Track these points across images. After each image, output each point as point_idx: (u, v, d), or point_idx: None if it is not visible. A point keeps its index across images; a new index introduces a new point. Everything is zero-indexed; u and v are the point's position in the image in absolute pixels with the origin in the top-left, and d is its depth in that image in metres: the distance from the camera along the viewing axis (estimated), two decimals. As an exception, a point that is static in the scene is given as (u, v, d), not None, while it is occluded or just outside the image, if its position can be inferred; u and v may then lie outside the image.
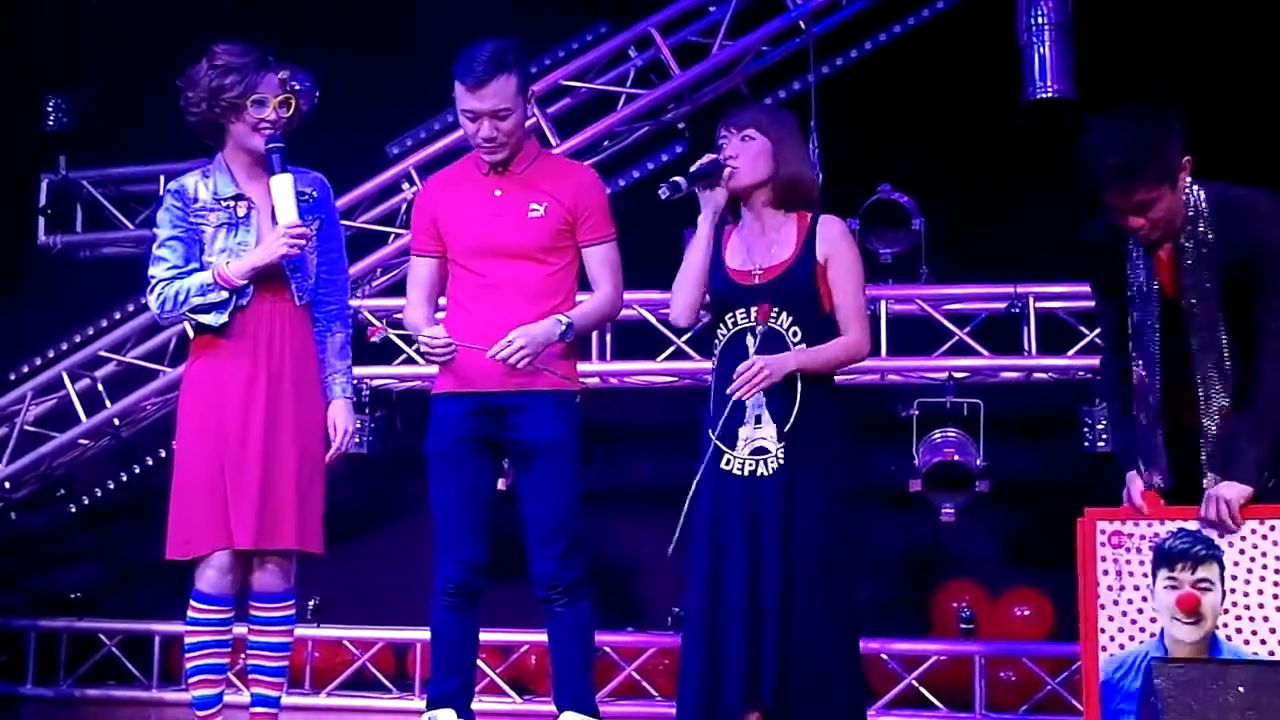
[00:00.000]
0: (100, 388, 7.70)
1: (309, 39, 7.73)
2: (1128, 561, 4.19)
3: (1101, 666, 4.18)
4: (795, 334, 4.49)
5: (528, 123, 4.95)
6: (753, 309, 4.51)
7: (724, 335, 4.56)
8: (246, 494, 4.56)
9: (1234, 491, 4.06)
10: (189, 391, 4.74)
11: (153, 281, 4.68)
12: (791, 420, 4.42)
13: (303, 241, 4.62)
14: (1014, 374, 7.05)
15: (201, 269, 4.65)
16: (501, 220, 4.70)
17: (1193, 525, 4.15)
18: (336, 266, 4.90)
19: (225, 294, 4.61)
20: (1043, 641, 6.82)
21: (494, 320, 4.60)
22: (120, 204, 8.19)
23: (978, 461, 6.79)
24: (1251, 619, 4.07)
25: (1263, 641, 4.05)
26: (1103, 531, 4.22)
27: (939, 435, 6.92)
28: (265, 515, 4.57)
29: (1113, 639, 4.18)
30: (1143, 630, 4.16)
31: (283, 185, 4.62)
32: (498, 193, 4.74)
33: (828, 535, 4.43)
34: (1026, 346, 6.95)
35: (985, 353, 6.99)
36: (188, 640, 4.68)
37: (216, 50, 4.66)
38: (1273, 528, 4.08)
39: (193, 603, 4.65)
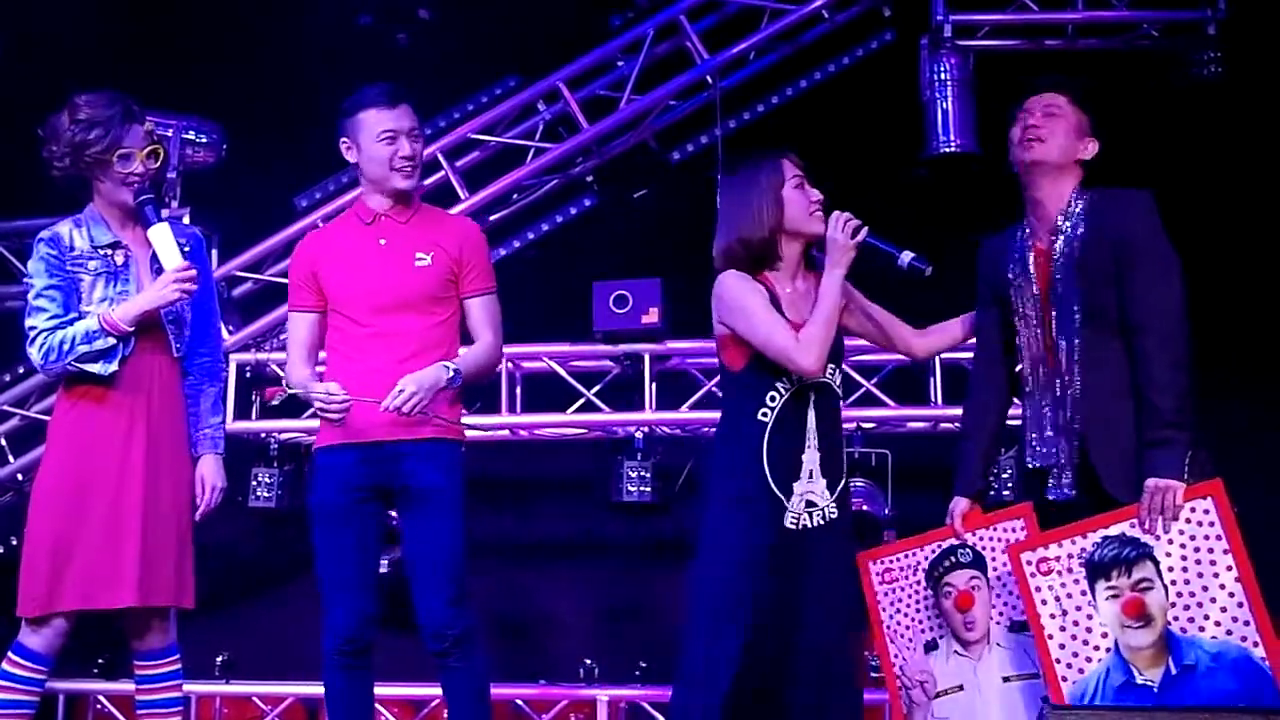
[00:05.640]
0: (3, 442, 7.61)
1: (217, 91, 7.73)
2: (1062, 585, 4.17)
3: (1068, 696, 4.12)
4: (841, 389, 4.49)
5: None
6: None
7: (785, 389, 4.35)
8: (127, 550, 4.43)
9: (1170, 483, 4.12)
10: (60, 442, 4.57)
11: (33, 332, 4.51)
12: (845, 476, 4.43)
13: (192, 284, 4.50)
14: (921, 424, 7.13)
15: (81, 318, 4.50)
16: (387, 270, 4.69)
17: (1114, 531, 4.16)
18: (209, 321, 4.80)
19: (113, 340, 4.46)
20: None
21: (381, 372, 4.57)
22: (23, 257, 8.09)
23: (886, 511, 6.84)
24: (1200, 604, 4.06)
25: (1217, 623, 4.04)
26: (1029, 563, 4.21)
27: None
28: (144, 571, 4.43)
29: (1070, 665, 4.14)
30: (1096, 649, 4.13)
31: (162, 233, 4.51)
32: (382, 242, 4.73)
33: (857, 586, 4.54)
34: (933, 397, 7.04)
35: (892, 403, 7.07)
36: (3, 697, 4.47)
37: (78, 103, 4.53)
38: (1193, 509, 4.11)
39: (15, 657, 4.47)
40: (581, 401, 7.25)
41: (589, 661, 6.87)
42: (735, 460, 4.38)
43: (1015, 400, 4.63)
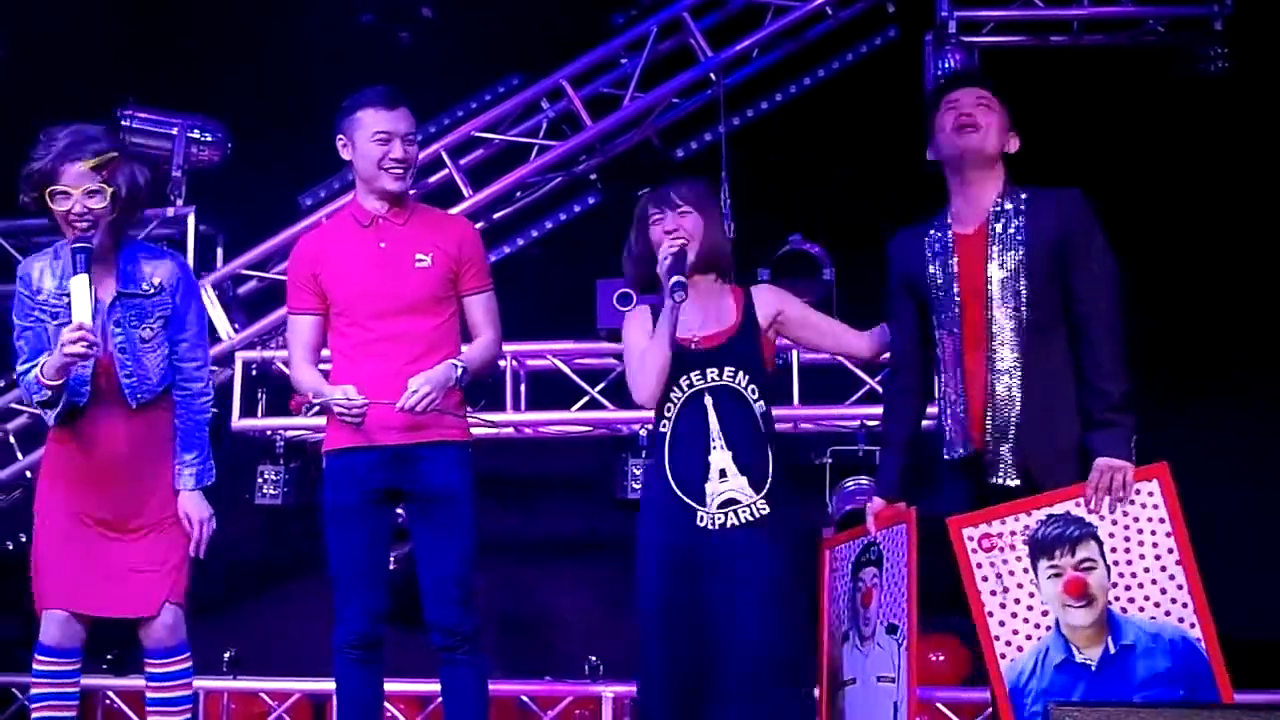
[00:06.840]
0: (12, 440, 7.63)
1: (219, 91, 7.74)
2: (1004, 562, 4.17)
3: (1005, 674, 4.12)
4: (753, 391, 4.54)
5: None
6: (709, 371, 4.53)
7: (679, 396, 4.54)
8: (91, 568, 4.53)
9: (1122, 463, 4.14)
10: (44, 463, 4.71)
11: (16, 375, 4.60)
12: (771, 474, 4.49)
13: (82, 345, 4.29)
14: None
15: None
16: (389, 272, 4.71)
17: (1059, 509, 4.16)
18: (193, 352, 4.70)
19: (49, 393, 4.44)
20: (958, 686, 6.87)
21: (390, 375, 4.61)
22: (26, 255, 8.09)
23: (889, 507, 6.84)
24: (1141, 585, 4.10)
25: (1156, 604, 4.08)
26: (970, 538, 4.20)
27: (852, 483, 6.97)
28: (109, 587, 4.53)
29: (1009, 643, 4.14)
30: (1037, 627, 4.13)
31: (79, 285, 4.31)
32: (382, 245, 4.74)
33: (801, 580, 4.55)
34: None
35: (895, 400, 7.05)
36: (32, 691, 4.60)
37: (42, 134, 4.46)
38: (1138, 492, 4.13)
39: (36, 655, 4.57)
40: (586, 399, 7.25)
41: (594, 658, 6.88)
42: (649, 469, 4.64)
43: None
